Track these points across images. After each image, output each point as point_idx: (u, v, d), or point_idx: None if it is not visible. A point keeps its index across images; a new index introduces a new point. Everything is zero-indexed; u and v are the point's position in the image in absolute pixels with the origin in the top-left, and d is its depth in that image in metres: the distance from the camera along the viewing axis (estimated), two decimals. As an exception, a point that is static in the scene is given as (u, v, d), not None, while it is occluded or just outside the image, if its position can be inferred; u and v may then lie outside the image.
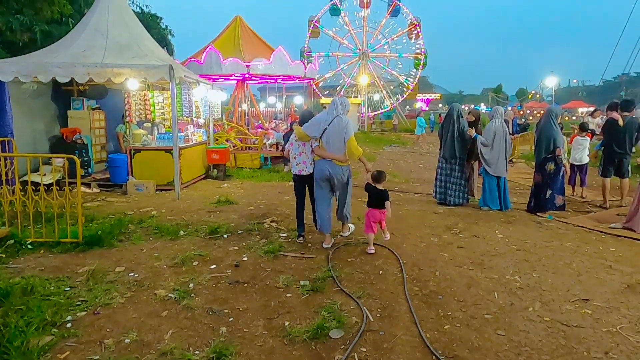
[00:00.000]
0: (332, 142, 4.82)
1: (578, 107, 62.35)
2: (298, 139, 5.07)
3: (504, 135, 6.89)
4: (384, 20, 36.02)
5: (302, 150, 5.06)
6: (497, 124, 6.90)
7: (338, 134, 4.80)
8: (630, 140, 7.00)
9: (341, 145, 4.81)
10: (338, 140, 4.81)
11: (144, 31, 8.75)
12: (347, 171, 5.01)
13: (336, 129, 4.80)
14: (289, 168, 10.72)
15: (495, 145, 6.82)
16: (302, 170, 5.10)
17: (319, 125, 4.89)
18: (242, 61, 12.40)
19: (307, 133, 4.94)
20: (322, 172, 4.92)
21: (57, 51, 7.34)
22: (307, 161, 5.06)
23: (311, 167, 5.05)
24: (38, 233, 4.84)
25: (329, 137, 4.83)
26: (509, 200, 7.01)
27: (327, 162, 4.88)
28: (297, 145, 5.10)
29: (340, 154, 4.84)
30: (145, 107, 8.42)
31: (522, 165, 12.87)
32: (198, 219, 6.04)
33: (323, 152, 4.88)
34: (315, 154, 4.96)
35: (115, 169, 8.14)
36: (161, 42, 19.22)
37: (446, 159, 7.11)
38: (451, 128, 7.03)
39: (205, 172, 9.61)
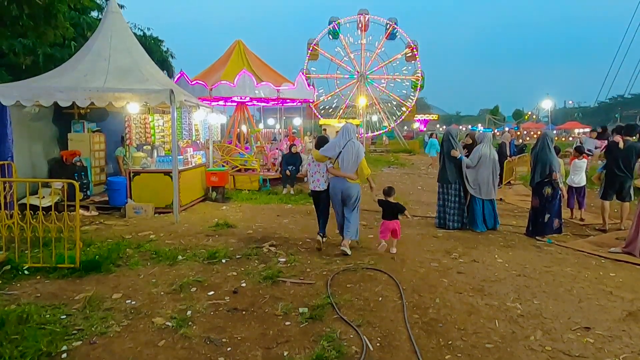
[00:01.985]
0: (346, 163, 5.58)
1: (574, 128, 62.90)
2: (315, 160, 5.86)
3: (491, 160, 6.98)
4: (381, 43, 36.63)
5: (317, 170, 5.85)
6: (484, 149, 7.04)
7: (351, 156, 5.58)
8: (630, 164, 7.06)
9: (354, 165, 5.60)
10: (351, 161, 5.58)
11: (145, 55, 8.90)
12: (357, 188, 5.75)
13: (349, 151, 5.58)
14: (287, 190, 10.78)
15: (481, 169, 6.91)
16: (316, 187, 5.89)
17: (335, 148, 5.66)
18: (274, 85, 12.74)
19: (324, 155, 5.72)
20: (336, 188, 5.71)
21: (60, 76, 7.44)
22: (321, 179, 5.84)
23: (325, 184, 5.83)
24: (35, 258, 4.81)
25: (343, 159, 5.59)
26: (497, 221, 7.16)
27: (341, 180, 5.65)
28: (313, 166, 5.90)
29: (352, 173, 5.61)
30: (145, 130, 8.48)
31: (520, 187, 12.89)
32: (196, 243, 6.01)
33: (337, 171, 5.65)
34: (331, 173, 5.72)
35: (114, 192, 8.14)
36: (162, 64, 19.53)
37: (442, 182, 7.16)
38: (445, 152, 7.13)
39: (204, 194, 9.61)
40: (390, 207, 5.76)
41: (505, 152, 13.06)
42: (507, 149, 13.25)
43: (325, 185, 5.84)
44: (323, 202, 5.97)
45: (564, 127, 63.32)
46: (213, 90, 12.17)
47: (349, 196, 5.63)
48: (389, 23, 35.44)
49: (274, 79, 13.40)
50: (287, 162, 11.02)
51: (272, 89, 13.12)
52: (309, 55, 35.86)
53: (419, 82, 35.99)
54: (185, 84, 12.05)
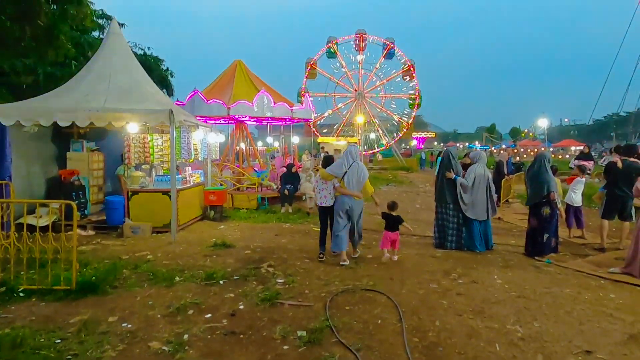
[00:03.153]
0: (351, 182, 6.17)
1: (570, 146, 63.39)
2: (322, 178, 6.38)
3: (486, 180, 7.00)
4: (379, 62, 37.13)
5: (324, 187, 6.35)
6: (479, 169, 7.05)
7: (356, 176, 6.20)
8: (630, 183, 7.09)
9: (359, 184, 6.23)
10: (356, 180, 6.19)
11: (146, 75, 8.99)
12: (362, 204, 6.36)
13: (355, 171, 6.20)
14: (286, 209, 10.76)
15: (476, 189, 6.92)
16: (323, 203, 6.37)
17: (341, 167, 6.22)
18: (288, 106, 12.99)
19: (331, 174, 6.25)
20: (343, 204, 6.20)
21: (60, 96, 7.50)
22: (327, 196, 6.32)
23: (331, 201, 6.31)
24: (30, 279, 4.76)
25: (349, 178, 6.17)
26: (491, 241, 7.15)
27: (347, 197, 6.18)
28: (320, 183, 6.42)
29: (357, 191, 6.21)
30: (144, 150, 8.50)
31: (518, 205, 12.90)
32: (194, 264, 5.97)
33: (344, 190, 6.18)
34: (338, 192, 6.22)
35: (112, 211, 8.11)
36: (162, 83, 19.68)
37: (439, 202, 7.17)
38: (443, 172, 7.16)
39: (202, 213, 9.58)
40: (392, 219, 6.38)
41: (502, 170, 13.12)
42: (505, 168, 13.30)
43: (332, 202, 6.32)
44: (329, 217, 6.50)
45: (560, 145, 63.82)
46: (231, 109, 12.40)
47: (354, 211, 6.22)
48: (387, 43, 36.03)
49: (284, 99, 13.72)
50: (285, 181, 11.04)
51: (287, 109, 13.49)
52: (307, 74, 36.29)
53: (416, 101, 36.40)
54: (200, 102, 12.22)
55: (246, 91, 13.25)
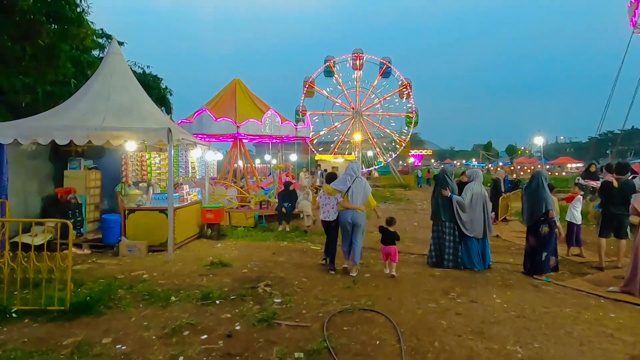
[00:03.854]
0: (355, 197, 6.52)
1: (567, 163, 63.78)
2: (326, 193, 6.74)
3: (483, 199, 7.01)
4: (375, 81, 37.55)
5: (328, 202, 6.71)
6: (476, 187, 7.06)
7: (360, 191, 6.55)
8: (626, 201, 7.13)
9: (363, 199, 6.59)
10: (360, 195, 6.54)
11: (145, 94, 9.05)
12: (364, 217, 6.66)
13: (358, 187, 6.55)
14: (283, 227, 10.72)
15: (473, 207, 6.93)
16: (326, 217, 6.72)
17: (345, 183, 6.55)
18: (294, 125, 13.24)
19: (336, 189, 6.59)
20: (346, 218, 6.54)
21: (59, 114, 7.53)
22: (330, 210, 6.68)
23: (334, 215, 6.66)
24: (24, 300, 4.69)
25: (353, 193, 6.51)
26: (489, 259, 7.12)
27: (351, 211, 6.51)
28: (324, 198, 6.77)
29: (361, 205, 6.56)
30: (141, 168, 8.50)
31: (516, 223, 12.89)
32: (190, 283, 5.91)
33: (348, 204, 6.53)
34: (341, 206, 6.56)
35: (108, 230, 8.05)
36: (161, 101, 19.80)
37: (436, 220, 7.16)
38: (437, 190, 7.18)
39: (199, 232, 9.53)
40: (388, 234, 6.60)
41: (500, 188, 13.16)
42: (502, 185, 13.34)
43: (335, 216, 6.67)
44: (333, 230, 6.83)
45: (556, 162, 64.20)
46: (241, 128, 12.60)
47: (357, 224, 6.54)
48: (383, 62, 36.50)
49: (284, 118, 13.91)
50: (283, 199, 11.02)
51: (292, 128, 13.72)
52: (305, 92, 36.61)
53: (413, 119, 36.68)
54: (209, 120, 12.36)
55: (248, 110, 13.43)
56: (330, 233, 6.86)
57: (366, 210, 6.81)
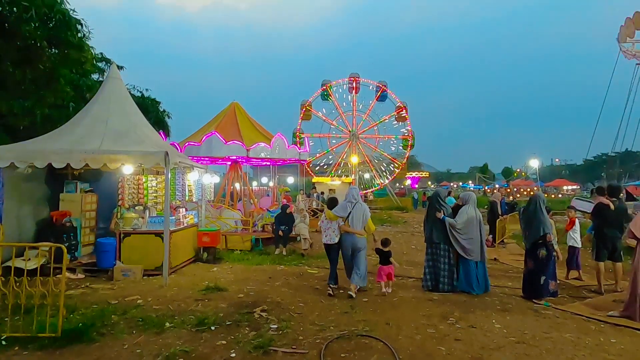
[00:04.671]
0: (355, 221, 6.78)
1: (562, 185, 64.13)
2: (327, 218, 6.97)
3: (478, 221, 7.01)
4: (372, 104, 37.99)
5: (330, 226, 6.94)
6: (470, 210, 7.05)
7: (360, 215, 6.81)
8: (620, 223, 7.15)
9: (362, 223, 6.83)
10: (360, 220, 6.80)
11: (143, 118, 9.11)
12: (364, 241, 6.90)
13: (358, 212, 6.82)
14: (280, 250, 10.64)
15: (470, 230, 6.92)
16: (329, 241, 6.95)
17: (345, 208, 6.82)
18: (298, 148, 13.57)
19: (336, 214, 6.85)
20: (347, 242, 6.81)
21: (56, 138, 7.55)
22: (332, 234, 6.89)
23: (336, 239, 6.88)
24: (14, 327, 4.59)
25: (353, 218, 6.79)
26: (489, 283, 7.05)
27: (351, 234, 6.80)
28: (326, 222, 7.01)
29: (361, 229, 6.82)
30: (138, 191, 8.48)
31: (514, 246, 12.86)
32: (185, 308, 5.81)
33: (348, 228, 6.79)
34: (342, 230, 6.82)
35: (103, 253, 7.96)
36: (159, 124, 19.93)
37: (430, 243, 7.13)
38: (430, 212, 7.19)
39: (195, 255, 9.43)
40: (385, 254, 6.96)
41: (496, 210, 13.17)
42: (498, 208, 13.36)
43: (337, 239, 6.88)
44: (334, 253, 7.03)
45: (552, 185, 64.53)
46: (250, 151, 12.86)
47: (357, 248, 6.79)
48: (379, 86, 37.03)
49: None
50: (279, 222, 10.97)
51: (297, 152, 13.96)
52: (302, 115, 36.97)
53: (410, 141, 36.98)
54: (219, 143, 12.49)
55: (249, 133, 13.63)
56: (332, 256, 7.06)
57: (366, 234, 7.00)
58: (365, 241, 6.92)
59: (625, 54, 24.67)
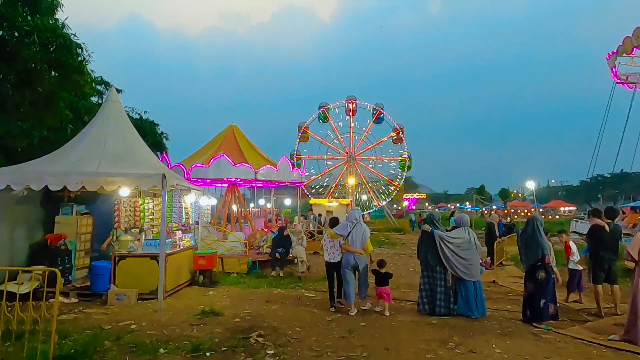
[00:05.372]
0: (355, 241, 7.06)
1: (559, 207, 64.20)
2: (329, 236, 7.25)
3: (473, 241, 6.99)
4: (369, 126, 38.31)
5: (332, 245, 7.23)
6: (464, 233, 7.05)
7: (359, 235, 7.08)
8: (616, 245, 7.15)
9: (362, 243, 7.09)
10: (359, 239, 7.07)
11: (140, 140, 9.14)
12: (365, 260, 7.19)
13: (358, 232, 7.09)
14: (277, 273, 10.53)
15: (467, 251, 6.89)
16: (331, 259, 7.23)
17: (346, 228, 7.12)
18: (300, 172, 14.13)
19: (337, 233, 7.13)
20: (349, 260, 7.06)
21: (53, 160, 7.55)
22: (335, 253, 7.19)
23: (338, 257, 7.17)
24: (4, 353, 4.49)
25: (353, 237, 7.06)
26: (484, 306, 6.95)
27: (352, 254, 7.03)
28: (328, 241, 7.30)
29: (361, 249, 7.08)
30: (134, 214, 8.43)
31: (513, 268, 12.76)
32: (180, 334, 5.70)
33: (349, 247, 7.06)
34: (343, 249, 7.11)
35: (97, 277, 7.85)
36: (157, 146, 20.00)
37: (425, 265, 7.08)
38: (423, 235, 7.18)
39: (191, 278, 9.31)
40: (381, 276, 7.17)
41: (494, 232, 13.14)
42: (496, 230, 13.33)
43: (339, 258, 7.16)
44: (336, 271, 7.27)
45: (549, 206, 64.60)
46: (258, 173, 12.94)
47: (358, 266, 7.06)
48: (376, 108, 37.43)
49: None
50: (276, 244, 10.90)
51: (299, 174, 14.25)
52: (300, 137, 37.18)
53: (406, 163, 37.15)
54: (227, 165, 12.56)
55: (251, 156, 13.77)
56: (334, 274, 7.33)
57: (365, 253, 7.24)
58: (365, 260, 7.17)
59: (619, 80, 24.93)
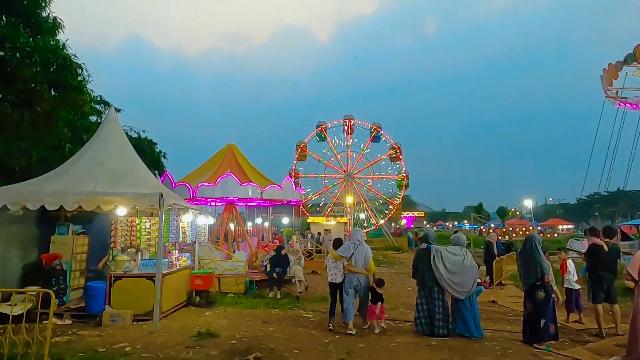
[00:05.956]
0: (358, 261, 7.21)
1: (558, 225, 64.15)
2: (333, 258, 7.43)
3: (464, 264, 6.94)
4: (366, 145, 38.53)
5: (335, 266, 7.39)
6: (460, 251, 7.05)
7: (362, 256, 7.24)
8: (614, 264, 7.13)
9: (364, 263, 7.24)
10: (362, 260, 7.22)
11: (138, 159, 9.15)
12: (367, 280, 7.37)
13: (361, 252, 7.26)
14: (274, 293, 10.42)
15: (465, 271, 6.85)
16: (334, 279, 7.40)
17: (349, 249, 7.27)
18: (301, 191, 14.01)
19: (340, 255, 7.29)
20: (351, 281, 7.19)
21: (51, 180, 7.54)
22: (337, 273, 7.35)
23: (341, 278, 7.32)
24: (-4, 378, 4.39)
25: (356, 258, 7.21)
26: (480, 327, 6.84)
27: (355, 274, 7.19)
28: (331, 262, 7.46)
29: (363, 269, 7.24)
30: (131, 233, 8.39)
31: (512, 287, 12.66)
32: (175, 356, 5.61)
33: (352, 268, 7.21)
34: (346, 270, 7.26)
35: (92, 298, 7.74)
36: (155, 165, 20.02)
37: (423, 285, 7.02)
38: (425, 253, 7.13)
39: (187, 299, 9.20)
40: (376, 294, 7.31)
41: (493, 252, 13.08)
42: (495, 249, 13.26)
43: (341, 278, 7.30)
44: (339, 291, 7.41)
45: (547, 224, 64.53)
46: (264, 193, 13.08)
47: (361, 286, 7.20)
48: (373, 127, 37.72)
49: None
50: (274, 264, 10.80)
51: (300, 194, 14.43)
52: (298, 156, 37.32)
53: (404, 182, 37.24)
54: (234, 184, 12.63)
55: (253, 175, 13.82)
56: (336, 294, 7.47)
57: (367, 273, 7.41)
58: (368, 280, 7.34)
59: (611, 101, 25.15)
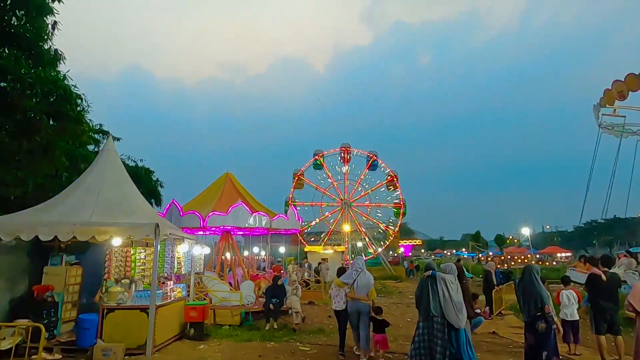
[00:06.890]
0: (360, 288, 7.39)
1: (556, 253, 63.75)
2: (336, 285, 7.73)
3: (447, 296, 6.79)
4: (363, 173, 38.72)
5: (338, 293, 7.75)
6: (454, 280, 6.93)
7: (364, 283, 7.42)
8: (614, 294, 7.05)
9: (366, 290, 7.40)
10: (364, 287, 7.40)
11: (135, 189, 9.13)
12: (368, 307, 7.47)
13: (363, 280, 7.46)
14: (270, 325, 10.20)
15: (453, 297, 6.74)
16: (337, 307, 7.74)
17: (351, 276, 7.50)
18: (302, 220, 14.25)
19: (343, 281, 7.57)
20: (354, 307, 7.41)
21: (46, 210, 7.49)
22: (340, 301, 7.68)
23: (343, 305, 7.64)
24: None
25: (357, 285, 7.41)
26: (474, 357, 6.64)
27: (357, 301, 7.39)
28: (335, 290, 7.81)
29: (365, 295, 7.40)
30: (125, 264, 8.27)
31: (512, 317, 12.46)
32: (168, 393, 5.42)
33: (354, 294, 7.41)
34: (348, 297, 7.51)
35: (84, 331, 7.54)
36: (152, 194, 19.98)
37: (425, 315, 6.86)
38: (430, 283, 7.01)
39: (181, 331, 8.98)
40: (378, 322, 7.40)
41: (491, 280, 12.95)
42: (493, 278, 13.14)
43: (344, 306, 7.60)
44: (343, 318, 7.70)
45: (545, 252, 64.14)
46: (273, 222, 13.38)
47: (362, 312, 7.35)
48: (370, 155, 38.01)
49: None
50: (271, 295, 10.61)
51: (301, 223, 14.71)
52: (295, 184, 37.39)
53: (401, 210, 37.21)
54: (245, 213, 12.81)
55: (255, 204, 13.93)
56: (341, 321, 7.72)
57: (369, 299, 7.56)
58: (369, 306, 7.45)
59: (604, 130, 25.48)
